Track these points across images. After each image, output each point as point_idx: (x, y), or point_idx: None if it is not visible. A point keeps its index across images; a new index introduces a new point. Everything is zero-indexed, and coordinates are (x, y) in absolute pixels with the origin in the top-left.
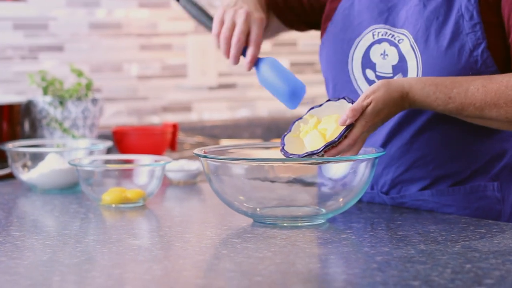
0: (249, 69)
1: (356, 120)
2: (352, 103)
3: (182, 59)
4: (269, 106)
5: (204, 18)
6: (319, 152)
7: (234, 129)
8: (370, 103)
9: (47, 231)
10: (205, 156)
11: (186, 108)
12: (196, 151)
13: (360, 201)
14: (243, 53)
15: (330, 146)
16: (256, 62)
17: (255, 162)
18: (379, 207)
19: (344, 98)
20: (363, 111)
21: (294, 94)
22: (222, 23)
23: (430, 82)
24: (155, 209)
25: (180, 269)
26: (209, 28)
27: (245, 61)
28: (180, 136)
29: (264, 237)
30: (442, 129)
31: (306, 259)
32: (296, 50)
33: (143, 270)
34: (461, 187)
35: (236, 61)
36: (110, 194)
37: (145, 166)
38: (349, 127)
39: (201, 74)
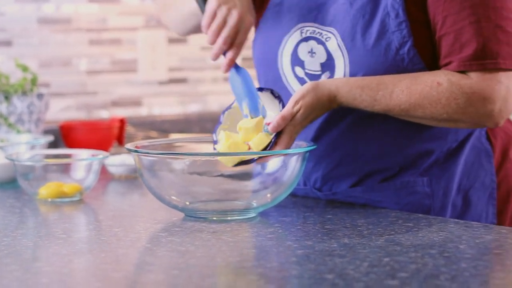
0: (226, 71)
1: (285, 126)
2: (278, 98)
3: (132, 53)
4: (220, 100)
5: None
6: (249, 152)
7: (185, 124)
8: (299, 109)
9: None
10: (135, 151)
11: (136, 102)
12: (128, 146)
13: (295, 195)
14: (224, 53)
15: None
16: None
17: (185, 157)
18: (314, 201)
19: (271, 91)
20: (292, 117)
21: (251, 112)
22: (213, 17)
23: (357, 84)
24: (91, 203)
25: (100, 263)
26: (201, 9)
27: (223, 61)
28: (130, 130)
29: (191, 231)
30: (370, 126)
31: (227, 253)
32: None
33: (63, 264)
34: (391, 183)
35: (215, 58)
36: (46, 189)
37: (82, 160)
38: (278, 134)
39: (151, 69)
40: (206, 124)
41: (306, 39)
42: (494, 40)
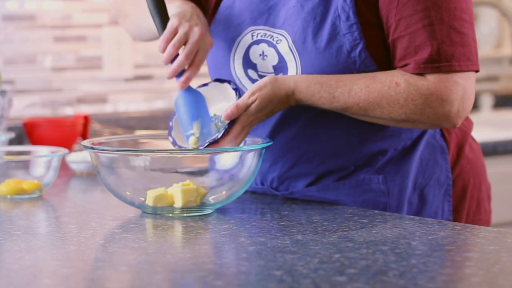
0: (182, 89)
1: (239, 116)
2: (236, 90)
3: (97, 50)
4: None
5: (159, 16)
6: (202, 149)
7: (150, 121)
8: (255, 101)
9: None
10: (92, 148)
11: (101, 99)
12: (84, 142)
13: (254, 192)
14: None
15: (214, 142)
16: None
17: (141, 153)
18: (272, 197)
19: (229, 82)
20: (247, 108)
21: (202, 134)
22: (174, 33)
23: (316, 81)
24: (50, 200)
25: (51, 259)
26: (159, 27)
27: (179, 80)
28: (96, 127)
29: (146, 227)
30: (325, 126)
31: (178, 249)
32: None
33: (14, 260)
34: (346, 181)
35: (172, 76)
36: (5, 186)
37: (41, 157)
38: (231, 123)
39: (116, 66)
40: None
41: (257, 42)
42: (448, 42)
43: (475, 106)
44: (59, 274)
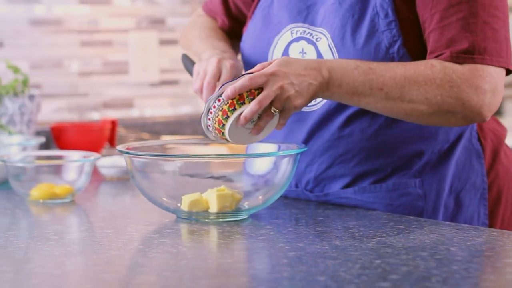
0: None
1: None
2: None
3: (123, 55)
4: None
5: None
6: (237, 154)
7: (176, 126)
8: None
9: None
10: (127, 152)
11: (127, 104)
12: (119, 147)
13: (286, 197)
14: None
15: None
16: None
17: (177, 158)
18: (305, 203)
19: None
20: (269, 63)
21: None
22: (197, 75)
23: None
24: (83, 205)
25: (91, 264)
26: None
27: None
28: (122, 132)
29: (183, 232)
30: (362, 126)
31: (218, 254)
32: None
33: (54, 265)
34: (383, 184)
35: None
36: (38, 190)
37: (74, 162)
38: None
39: (142, 71)
40: (198, 125)
41: (297, 39)
42: (482, 36)
43: (499, 112)
44: (102, 279)
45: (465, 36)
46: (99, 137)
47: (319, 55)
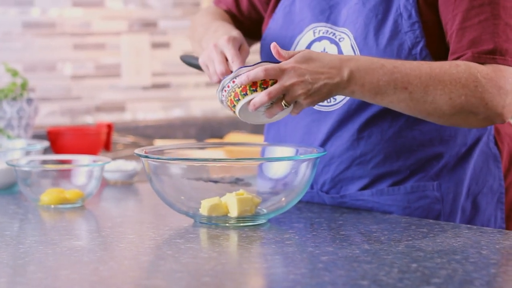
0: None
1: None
2: None
3: (116, 58)
4: (202, 106)
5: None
6: (256, 158)
7: (168, 129)
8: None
9: None
10: (146, 156)
11: (119, 108)
12: (137, 151)
13: (300, 200)
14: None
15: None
16: None
17: (197, 162)
18: (319, 207)
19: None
20: (290, 56)
21: None
22: (207, 68)
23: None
24: (94, 209)
25: (126, 270)
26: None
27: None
28: (114, 136)
29: (207, 237)
30: (381, 128)
31: (251, 259)
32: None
33: (90, 271)
34: (401, 187)
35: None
36: (48, 195)
37: (84, 166)
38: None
39: (135, 74)
40: (189, 129)
41: (319, 39)
42: (504, 37)
43: None
44: (143, 285)
45: (487, 38)
46: (95, 141)
47: (341, 53)
